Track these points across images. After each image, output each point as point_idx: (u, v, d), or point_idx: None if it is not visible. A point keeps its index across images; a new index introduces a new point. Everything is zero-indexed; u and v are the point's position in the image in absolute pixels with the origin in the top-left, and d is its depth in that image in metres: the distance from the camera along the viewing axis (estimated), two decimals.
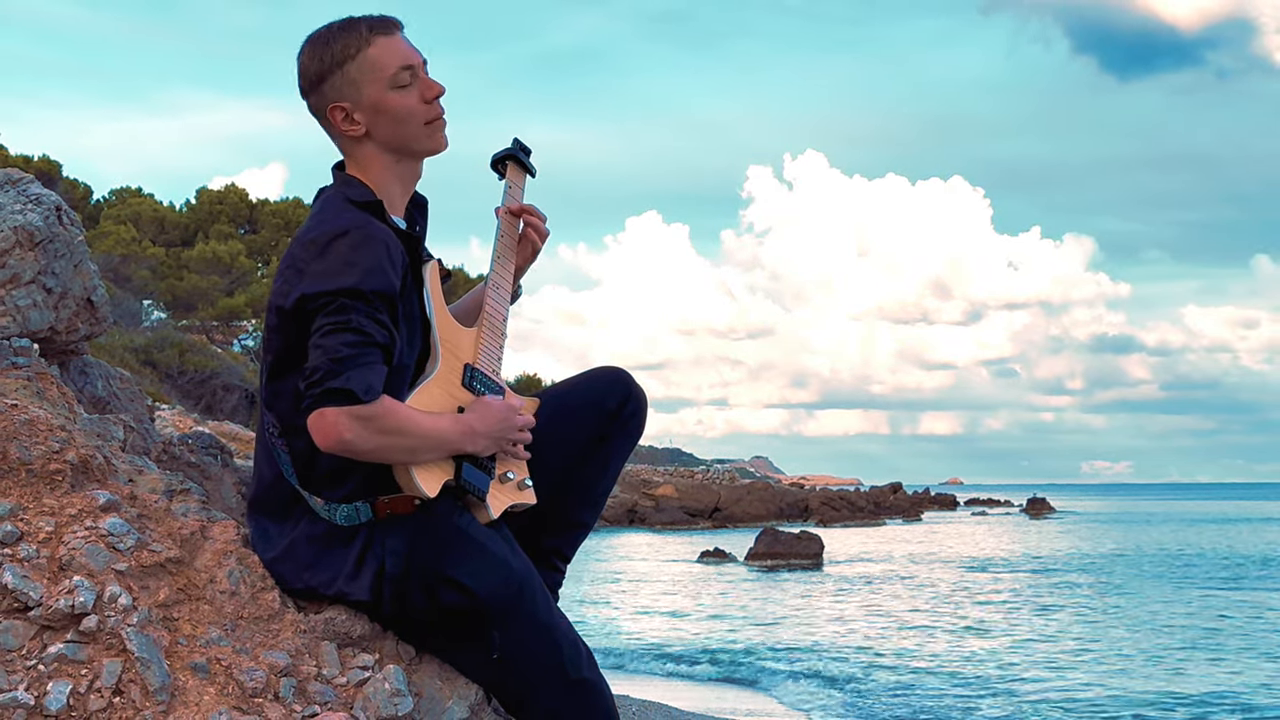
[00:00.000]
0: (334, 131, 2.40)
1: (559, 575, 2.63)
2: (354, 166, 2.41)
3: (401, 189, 2.43)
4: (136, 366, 25.96)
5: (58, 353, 2.89)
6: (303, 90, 2.40)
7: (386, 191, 2.39)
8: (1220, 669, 12.35)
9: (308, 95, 2.39)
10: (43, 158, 34.51)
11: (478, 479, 2.31)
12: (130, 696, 2.11)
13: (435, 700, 2.32)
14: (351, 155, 2.41)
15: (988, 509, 73.39)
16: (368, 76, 2.33)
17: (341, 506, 2.25)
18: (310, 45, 2.38)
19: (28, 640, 2.12)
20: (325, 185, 2.43)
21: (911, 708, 10.18)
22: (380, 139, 2.37)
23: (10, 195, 2.84)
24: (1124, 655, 13.24)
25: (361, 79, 2.34)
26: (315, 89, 2.37)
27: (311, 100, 2.40)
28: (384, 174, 2.39)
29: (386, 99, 2.34)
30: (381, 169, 2.39)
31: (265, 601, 2.31)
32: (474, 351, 2.43)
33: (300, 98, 2.41)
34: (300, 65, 2.39)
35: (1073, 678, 11.68)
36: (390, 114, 2.35)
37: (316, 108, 2.40)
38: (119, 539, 2.25)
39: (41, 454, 2.30)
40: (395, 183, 2.41)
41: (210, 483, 2.74)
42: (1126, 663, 12.75)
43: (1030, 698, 10.62)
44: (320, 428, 2.15)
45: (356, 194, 2.34)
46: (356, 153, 2.40)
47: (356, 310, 2.18)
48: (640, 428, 2.64)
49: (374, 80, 2.34)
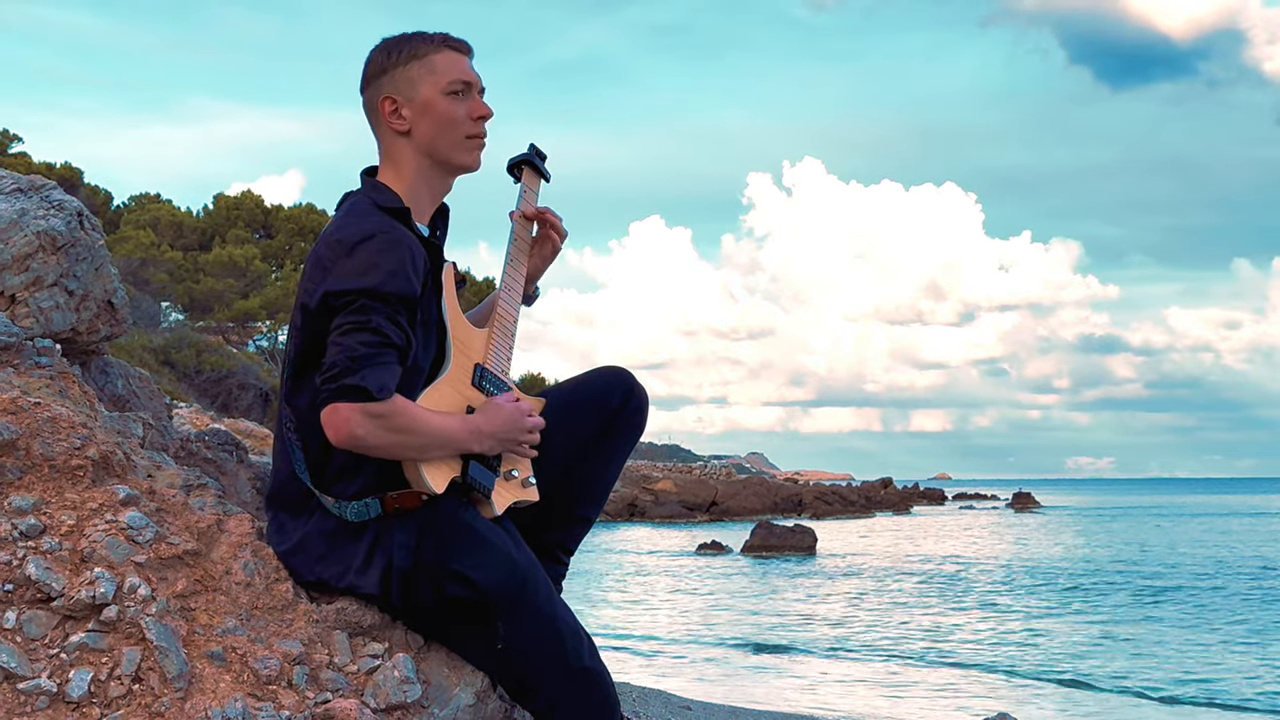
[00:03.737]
0: (379, 124, 2.40)
1: (562, 568, 2.63)
2: (389, 167, 2.40)
3: (430, 198, 2.42)
4: (155, 366, 25.94)
5: (79, 353, 2.89)
6: (362, 85, 2.40)
7: (415, 197, 2.39)
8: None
9: (365, 89, 2.40)
10: (65, 165, 34.47)
11: (483, 476, 2.31)
12: (149, 684, 2.10)
13: (443, 688, 2.32)
14: (389, 153, 2.40)
15: (974, 503, 73.41)
16: (426, 78, 2.36)
17: (352, 504, 2.25)
18: (382, 44, 2.40)
19: (50, 629, 2.12)
20: (351, 190, 2.43)
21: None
22: (420, 140, 2.37)
23: (34, 201, 2.84)
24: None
25: (419, 79, 2.36)
26: (373, 81, 2.38)
27: (367, 93, 2.40)
28: (415, 177, 2.39)
29: (437, 102, 2.36)
30: (414, 172, 2.39)
31: (279, 592, 2.31)
32: (484, 352, 2.43)
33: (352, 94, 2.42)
34: (367, 61, 2.40)
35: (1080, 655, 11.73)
36: (436, 116, 2.36)
37: (369, 100, 2.40)
38: (138, 532, 2.25)
39: (64, 450, 2.30)
40: (425, 190, 2.41)
41: (226, 478, 2.74)
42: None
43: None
44: (333, 422, 2.15)
45: (384, 199, 2.34)
46: (395, 150, 2.39)
47: (377, 311, 2.18)
48: (641, 426, 2.63)
49: (431, 83, 2.36)
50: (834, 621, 14.76)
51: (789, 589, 19.18)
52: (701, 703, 8.15)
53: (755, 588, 19.28)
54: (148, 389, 3.10)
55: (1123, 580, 21.86)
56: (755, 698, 9.58)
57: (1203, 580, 21.73)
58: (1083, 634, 14.24)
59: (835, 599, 17.48)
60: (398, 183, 2.38)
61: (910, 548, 29.65)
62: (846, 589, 18.95)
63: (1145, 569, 24.39)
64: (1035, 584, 20.74)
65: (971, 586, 20.15)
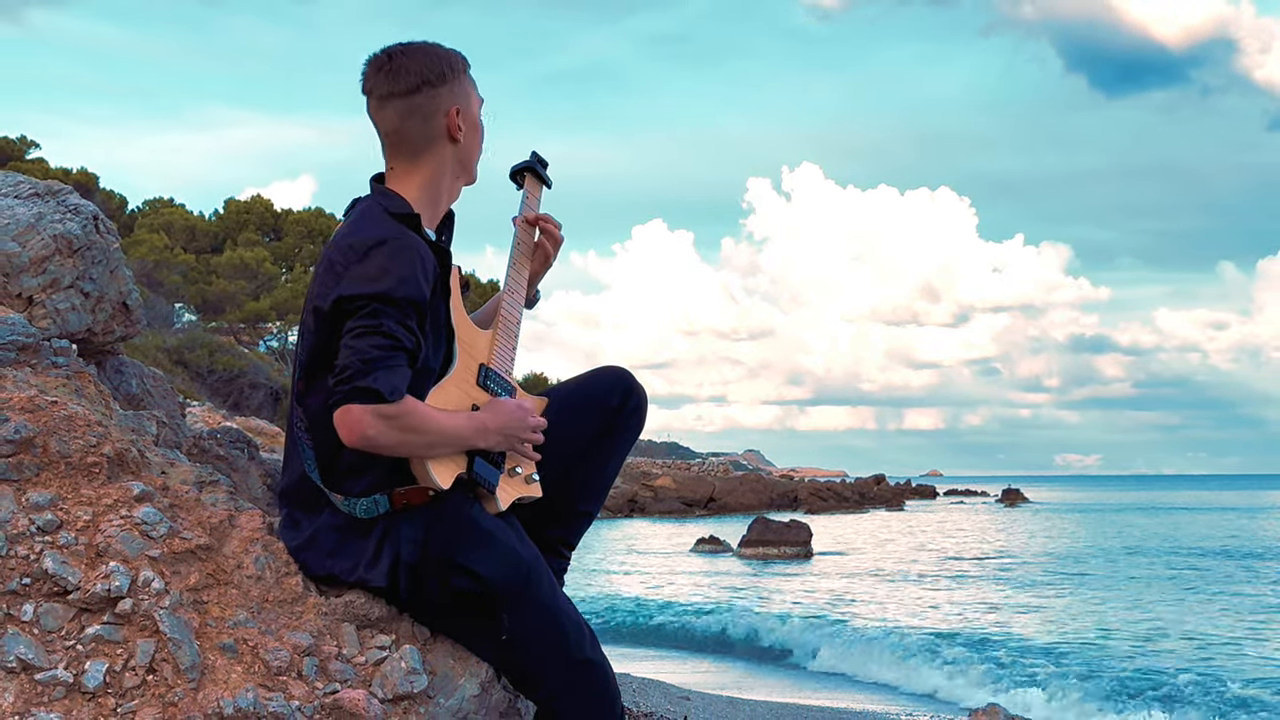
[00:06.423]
0: (433, 128, 2.37)
1: (564, 562, 2.63)
2: (415, 173, 2.38)
3: (447, 202, 2.44)
4: (169, 366, 25.93)
5: (95, 353, 2.89)
6: (411, 86, 2.34)
7: (434, 202, 2.40)
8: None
9: (417, 91, 2.35)
10: (81, 170, 34.47)
11: (488, 473, 2.31)
12: (163, 675, 2.11)
13: (448, 678, 2.32)
14: (423, 161, 2.38)
15: (965, 499, 73.40)
16: (474, 95, 2.43)
17: (361, 500, 2.26)
18: (426, 50, 2.37)
19: (67, 622, 2.12)
20: (360, 195, 2.43)
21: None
22: (463, 151, 2.41)
23: (50, 206, 2.84)
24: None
25: (471, 95, 2.42)
26: (433, 86, 2.35)
27: (420, 96, 2.35)
28: (441, 183, 2.40)
29: (479, 120, 2.45)
30: (445, 177, 2.40)
31: (289, 586, 2.31)
32: (489, 352, 2.43)
33: (369, 96, 2.38)
34: (409, 63, 2.35)
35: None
36: (478, 134, 2.45)
37: (427, 104, 2.35)
38: (152, 527, 2.25)
39: (80, 447, 2.30)
40: (444, 195, 2.43)
41: (238, 474, 2.74)
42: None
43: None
44: (346, 423, 2.16)
45: (394, 206, 2.33)
46: (433, 155, 2.38)
47: (388, 315, 2.18)
48: (640, 424, 2.64)
49: (476, 100, 2.44)
50: (829, 614, 14.76)
51: (785, 582, 19.18)
52: (700, 693, 8.15)
53: (752, 581, 19.27)
54: (161, 388, 3.10)
55: (1115, 568, 21.92)
56: (752, 689, 9.57)
57: (1195, 565, 22.05)
58: (1076, 624, 14.25)
59: (829, 592, 17.47)
60: (412, 188, 2.38)
61: (904, 541, 29.65)
62: (841, 582, 18.95)
63: (1135, 558, 24.46)
64: (1028, 575, 20.75)
65: (965, 578, 20.15)
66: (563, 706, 2.36)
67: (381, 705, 2.20)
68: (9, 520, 2.18)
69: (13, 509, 2.19)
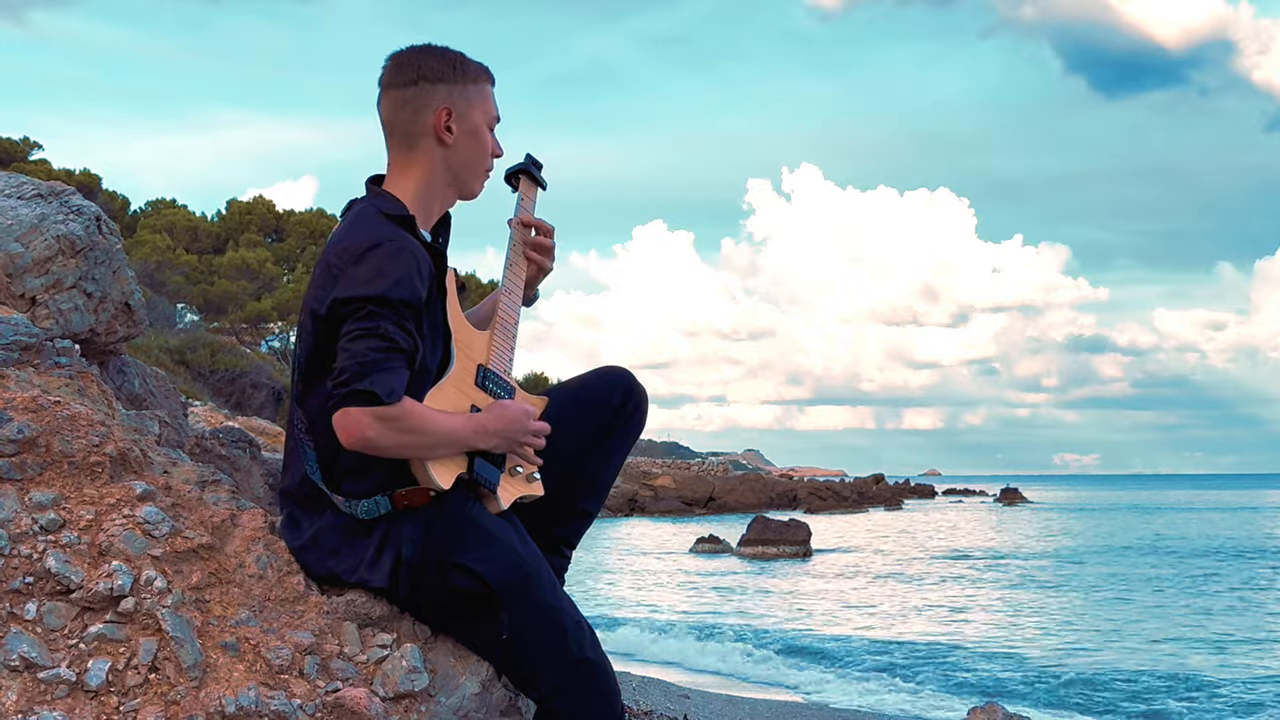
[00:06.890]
0: (419, 126, 2.37)
1: (564, 561, 2.63)
2: (408, 172, 2.39)
3: (439, 209, 2.44)
4: (171, 366, 25.94)
5: (97, 353, 2.89)
6: (407, 80, 2.36)
7: (425, 205, 2.40)
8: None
9: (413, 84, 2.36)
10: (84, 171, 34.46)
11: (489, 472, 2.31)
12: (165, 673, 2.11)
13: (449, 677, 2.32)
14: (413, 157, 2.39)
15: (964, 498, 73.42)
16: (479, 105, 2.41)
17: (362, 502, 2.26)
18: (437, 51, 2.39)
19: (69, 620, 2.12)
20: (356, 197, 2.43)
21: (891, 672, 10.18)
22: (454, 158, 2.40)
23: (53, 206, 2.84)
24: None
25: (474, 103, 2.40)
26: (429, 82, 2.36)
27: (414, 89, 2.36)
28: (433, 187, 2.40)
29: (481, 130, 2.42)
30: (434, 181, 2.40)
31: (291, 584, 2.31)
32: (487, 353, 2.43)
33: (376, 86, 2.39)
34: (416, 58, 2.37)
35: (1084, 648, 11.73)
36: (477, 143, 2.42)
37: (415, 98, 2.36)
38: (154, 526, 2.25)
39: (82, 447, 2.30)
40: (436, 202, 2.42)
41: (239, 474, 2.74)
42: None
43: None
44: (344, 425, 2.16)
45: (390, 208, 2.34)
46: (421, 155, 2.39)
47: (385, 317, 2.18)
48: (641, 424, 2.63)
49: (482, 111, 2.41)
50: (827, 613, 14.76)
51: (784, 582, 19.18)
52: (699, 692, 8.15)
53: (751, 581, 19.27)
54: (164, 388, 3.10)
55: (1114, 568, 21.92)
56: (750, 688, 9.58)
57: (1190, 565, 22.05)
58: (1074, 622, 14.25)
59: (828, 591, 17.47)
60: (406, 190, 2.38)
61: (903, 540, 29.65)
62: (840, 582, 18.95)
63: (1133, 557, 24.48)
64: (1025, 573, 20.76)
65: (964, 577, 20.15)
66: (563, 705, 2.35)
67: (383, 703, 2.20)
68: (12, 519, 2.18)
69: (16, 508, 2.19)
